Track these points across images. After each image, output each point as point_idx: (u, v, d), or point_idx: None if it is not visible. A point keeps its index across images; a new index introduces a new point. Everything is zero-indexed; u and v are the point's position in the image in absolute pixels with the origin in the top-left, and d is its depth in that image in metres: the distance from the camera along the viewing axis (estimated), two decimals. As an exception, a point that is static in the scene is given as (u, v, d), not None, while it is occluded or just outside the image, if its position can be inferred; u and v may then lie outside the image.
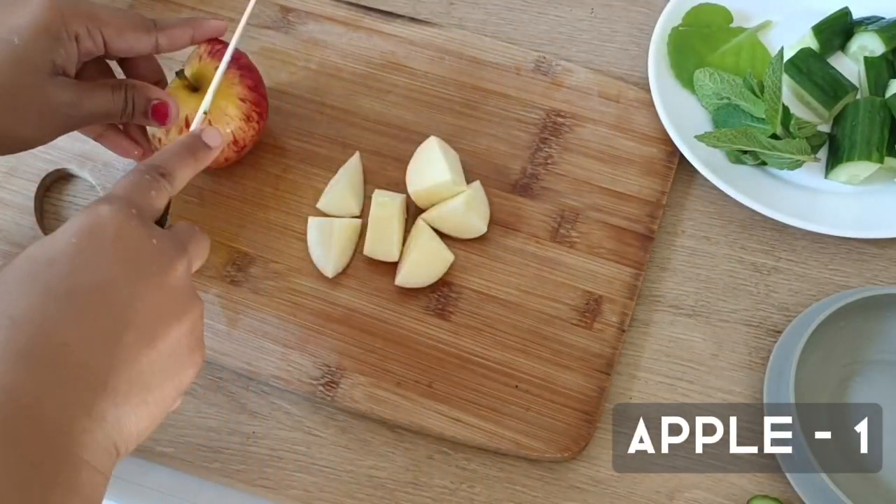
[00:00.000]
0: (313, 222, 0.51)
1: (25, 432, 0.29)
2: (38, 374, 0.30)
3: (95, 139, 0.50)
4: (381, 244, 0.50)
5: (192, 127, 0.44)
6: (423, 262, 0.49)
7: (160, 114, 0.46)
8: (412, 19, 0.60)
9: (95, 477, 0.31)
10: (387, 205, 0.50)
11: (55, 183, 0.55)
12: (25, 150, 0.45)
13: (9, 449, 0.29)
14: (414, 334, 0.49)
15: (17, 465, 0.29)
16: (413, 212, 0.52)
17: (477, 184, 0.52)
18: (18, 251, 0.52)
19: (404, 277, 0.49)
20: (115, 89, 0.45)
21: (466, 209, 0.50)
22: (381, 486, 0.46)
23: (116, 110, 0.45)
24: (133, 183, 0.37)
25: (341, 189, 0.52)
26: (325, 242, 0.50)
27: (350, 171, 0.53)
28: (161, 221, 0.39)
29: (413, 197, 0.52)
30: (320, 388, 0.48)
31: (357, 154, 0.54)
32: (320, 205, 0.53)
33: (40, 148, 0.54)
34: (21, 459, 0.29)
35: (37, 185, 0.54)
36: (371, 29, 0.60)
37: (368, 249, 0.51)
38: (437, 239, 0.50)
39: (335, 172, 0.54)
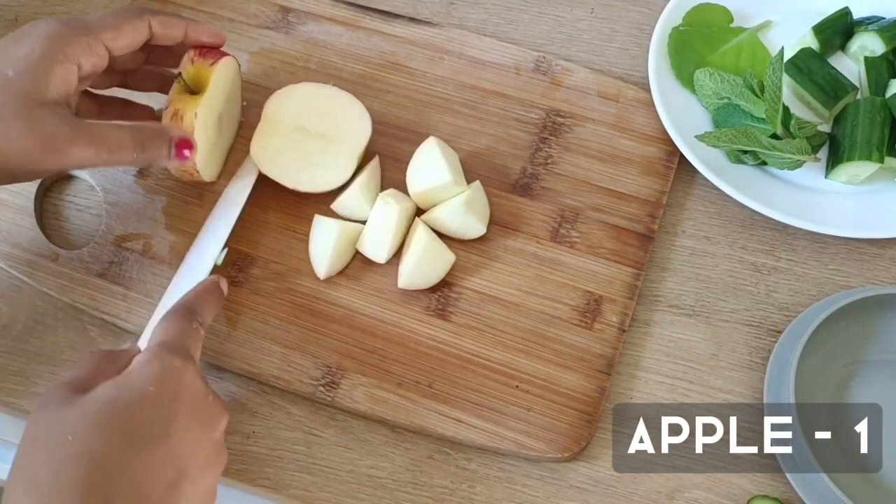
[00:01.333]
0: (318, 221, 0.51)
1: None
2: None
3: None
4: (373, 244, 0.50)
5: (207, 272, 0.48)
6: (426, 263, 0.49)
7: (183, 151, 0.46)
8: (412, 19, 0.60)
9: None
10: (389, 205, 0.50)
11: (54, 184, 0.55)
12: (27, 180, 0.45)
13: None
14: (414, 335, 0.49)
15: None
16: (414, 213, 0.52)
17: (476, 184, 0.52)
18: (19, 252, 0.52)
19: (408, 280, 0.49)
20: (133, 134, 0.45)
21: (465, 210, 0.50)
22: (382, 485, 0.46)
23: (131, 154, 0.45)
24: (185, 333, 0.40)
25: (354, 192, 0.52)
26: (324, 243, 0.50)
27: (366, 175, 0.53)
28: None
29: (413, 198, 0.52)
30: (321, 388, 0.48)
31: (376, 158, 0.54)
32: (334, 206, 0.52)
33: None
34: None
35: (36, 186, 0.54)
36: (371, 29, 0.60)
37: (360, 245, 0.51)
38: (438, 240, 0.50)
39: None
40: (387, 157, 0.55)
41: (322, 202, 0.53)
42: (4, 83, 0.41)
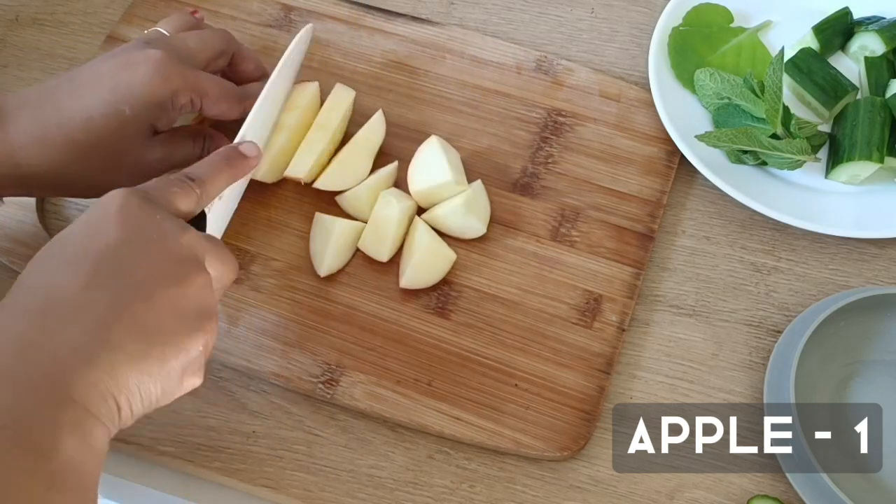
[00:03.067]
0: (318, 219, 0.51)
1: (11, 371, 0.31)
2: (34, 323, 0.33)
3: None
4: (375, 242, 0.50)
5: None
6: (427, 262, 0.49)
7: None
8: (413, 18, 0.60)
9: (87, 419, 0.32)
10: (391, 204, 0.50)
11: (56, 181, 0.55)
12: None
13: None
14: (414, 333, 0.49)
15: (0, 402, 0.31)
16: (415, 212, 0.52)
17: (477, 183, 0.52)
18: (21, 248, 0.52)
19: (409, 280, 0.49)
20: (195, 139, 0.49)
21: (466, 210, 0.50)
22: (382, 485, 0.46)
23: (194, 158, 0.48)
24: (153, 183, 0.39)
25: (362, 191, 0.52)
26: (324, 241, 0.50)
27: (380, 177, 0.52)
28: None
29: (414, 196, 0.52)
30: (320, 385, 0.48)
31: (395, 164, 0.53)
32: (339, 198, 0.52)
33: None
34: (4, 396, 0.31)
35: (37, 184, 0.54)
36: (372, 28, 0.60)
37: (362, 243, 0.51)
38: (438, 239, 0.50)
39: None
40: (388, 155, 0.55)
41: (322, 200, 0.53)
42: (122, 122, 0.44)
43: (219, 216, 0.45)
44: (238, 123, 0.52)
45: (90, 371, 0.32)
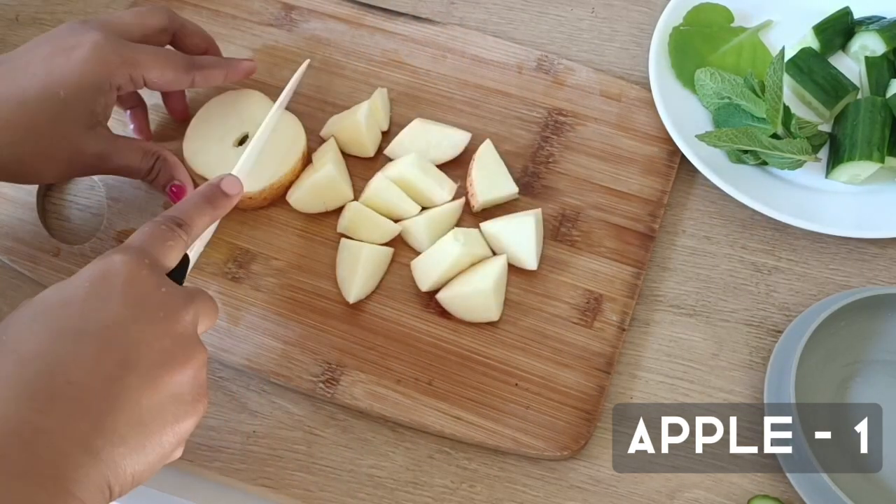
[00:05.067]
0: (345, 244, 0.50)
1: (21, 465, 0.30)
2: (40, 409, 0.32)
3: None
4: (427, 273, 0.49)
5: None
6: (479, 303, 0.48)
7: (176, 195, 0.49)
8: (414, 17, 0.60)
9: None
10: (456, 244, 0.49)
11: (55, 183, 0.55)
12: (41, 183, 0.50)
13: (3, 481, 0.30)
14: (414, 332, 0.49)
15: (9, 496, 0.30)
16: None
17: (538, 212, 0.52)
18: (21, 247, 0.52)
19: (450, 305, 0.49)
20: (146, 155, 0.48)
21: (536, 243, 0.50)
22: (382, 485, 0.46)
23: (141, 173, 0.48)
24: (149, 234, 0.38)
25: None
26: (356, 269, 0.49)
27: (442, 212, 0.51)
28: (179, 278, 0.40)
29: (480, 200, 0.51)
30: (320, 384, 0.48)
31: (462, 200, 0.52)
32: (403, 230, 0.51)
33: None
34: (14, 492, 0.30)
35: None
36: (373, 27, 0.60)
37: (414, 264, 0.50)
38: (504, 284, 0.50)
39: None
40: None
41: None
42: (58, 105, 0.43)
43: (197, 249, 0.44)
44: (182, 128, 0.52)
45: (94, 467, 0.32)
